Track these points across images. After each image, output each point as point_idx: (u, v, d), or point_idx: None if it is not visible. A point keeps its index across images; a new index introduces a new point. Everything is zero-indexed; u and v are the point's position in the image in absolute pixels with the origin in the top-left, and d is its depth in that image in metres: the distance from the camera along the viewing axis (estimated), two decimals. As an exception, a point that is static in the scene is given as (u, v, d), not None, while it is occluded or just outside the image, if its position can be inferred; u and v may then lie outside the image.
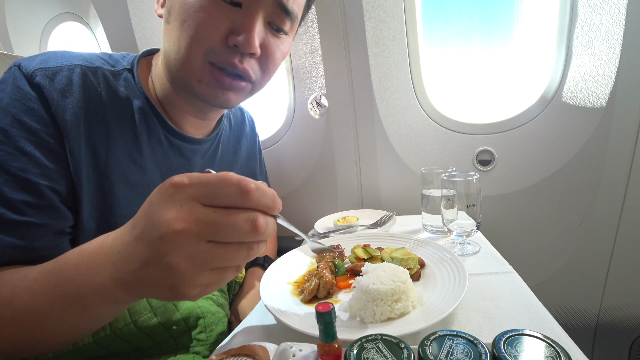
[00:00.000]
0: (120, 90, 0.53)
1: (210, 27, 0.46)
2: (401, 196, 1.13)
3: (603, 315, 1.05)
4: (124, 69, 0.54)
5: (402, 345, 0.32)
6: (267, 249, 0.89)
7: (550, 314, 0.47)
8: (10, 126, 0.42)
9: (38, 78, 0.45)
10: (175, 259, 0.28)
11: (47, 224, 0.44)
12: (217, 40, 0.47)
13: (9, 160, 0.41)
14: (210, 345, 0.58)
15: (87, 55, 0.53)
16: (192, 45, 0.47)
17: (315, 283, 0.55)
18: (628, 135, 0.91)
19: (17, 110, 0.43)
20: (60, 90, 0.46)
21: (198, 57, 0.48)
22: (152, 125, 0.55)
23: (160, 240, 0.27)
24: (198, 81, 0.50)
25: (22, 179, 0.42)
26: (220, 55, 0.48)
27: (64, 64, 0.48)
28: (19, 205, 0.42)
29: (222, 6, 0.46)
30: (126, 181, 0.52)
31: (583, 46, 0.91)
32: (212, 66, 0.49)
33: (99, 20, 1.17)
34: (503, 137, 1.02)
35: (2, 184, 0.41)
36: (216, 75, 0.50)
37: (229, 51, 0.48)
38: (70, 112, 0.46)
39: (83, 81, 0.49)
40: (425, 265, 0.62)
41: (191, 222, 0.27)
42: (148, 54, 0.61)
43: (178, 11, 0.47)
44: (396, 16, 0.98)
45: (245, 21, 0.47)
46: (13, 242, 0.41)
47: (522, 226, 1.06)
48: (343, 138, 1.11)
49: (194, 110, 0.60)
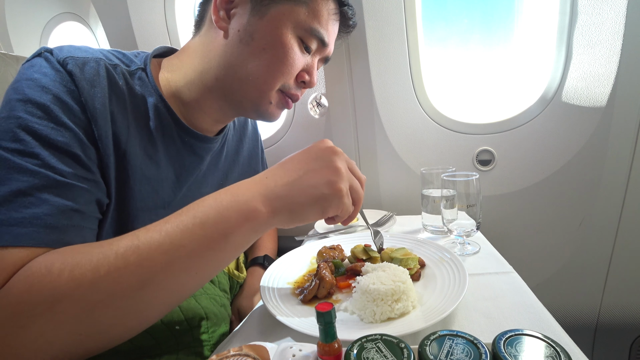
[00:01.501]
0: (136, 88, 0.53)
1: (293, 67, 0.57)
2: (401, 196, 1.13)
3: (603, 315, 1.05)
4: (138, 68, 0.55)
5: (402, 345, 0.32)
6: (267, 249, 0.90)
7: (550, 314, 0.47)
8: (51, 102, 0.42)
9: (70, 66, 0.46)
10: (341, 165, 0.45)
11: (94, 192, 0.45)
12: (292, 77, 0.59)
13: (52, 135, 0.41)
14: (213, 345, 0.58)
15: (105, 52, 0.53)
16: (275, 76, 0.57)
17: (315, 283, 0.55)
18: (628, 135, 0.91)
19: (58, 89, 0.43)
20: (89, 80, 0.47)
21: (275, 86, 0.58)
22: (166, 123, 0.56)
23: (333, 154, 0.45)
24: (269, 103, 0.60)
25: (69, 152, 0.42)
26: (291, 89, 0.60)
27: (90, 56, 0.49)
28: (69, 175, 0.41)
29: (302, 50, 0.58)
30: (142, 174, 0.53)
31: (583, 46, 0.91)
32: (282, 93, 0.61)
33: (99, 20, 1.17)
34: (503, 137, 1.02)
35: (48, 157, 0.40)
36: (285, 101, 0.62)
37: (298, 86, 0.62)
38: (99, 101, 0.47)
39: (108, 74, 0.49)
40: (425, 265, 0.62)
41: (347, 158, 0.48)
42: (158, 53, 0.61)
43: (268, 43, 0.55)
44: (396, 16, 0.98)
45: (312, 64, 0.61)
46: (69, 205, 0.40)
47: (522, 226, 1.06)
48: (343, 138, 1.11)
49: (223, 115, 0.64)
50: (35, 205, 0.37)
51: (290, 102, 0.62)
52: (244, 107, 0.62)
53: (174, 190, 0.59)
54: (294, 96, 0.62)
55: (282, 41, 0.55)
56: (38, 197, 0.37)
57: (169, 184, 0.58)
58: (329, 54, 0.64)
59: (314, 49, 0.59)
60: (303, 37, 0.57)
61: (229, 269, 0.72)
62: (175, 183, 0.59)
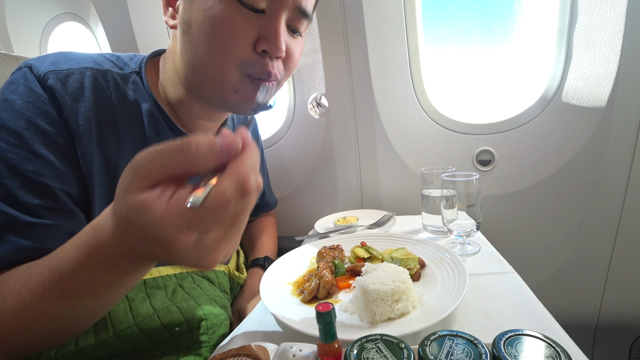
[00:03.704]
0: (129, 94, 0.52)
1: (240, 38, 0.47)
2: (401, 196, 1.13)
3: (603, 315, 1.05)
4: (132, 72, 0.54)
5: (402, 345, 0.32)
6: (267, 249, 0.89)
7: (550, 314, 0.47)
8: (24, 129, 0.42)
9: (50, 81, 0.44)
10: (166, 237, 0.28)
11: (62, 226, 0.44)
12: (247, 49, 0.48)
13: (23, 164, 0.41)
14: (212, 347, 0.58)
15: (96, 57, 0.52)
16: (224, 58, 0.48)
17: (315, 283, 0.55)
18: (628, 135, 0.91)
19: (31, 113, 0.43)
20: (72, 94, 0.46)
21: (233, 69, 0.49)
22: (161, 129, 0.56)
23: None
24: (234, 91, 0.51)
25: (37, 182, 0.42)
26: (254, 66, 0.49)
27: (75, 67, 0.48)
28: (34, 208, 0.41)
29: (247, 14, 0.47)
30: None
31: (583, 46, 0.91)
32: (250, 78, 0.50)
33: (99, 21, 1.17)
34: (503, 137, 1.02)
35: (16, 188, 0.41)
36: (253, 84, 0.51)
37: (260, 58, 0.49)
38: (82, 116, 0.46)
39: (94, 85, 0.48)
40: (425, 265, 0.62)
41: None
42: (155, 55, 0.61)
43: (202, 23, 0.47)
44: (396, 16, 0.98)
45: (271, 27, 0.48)
46: (29, 245, 0.41)
47: (522, 226, 1.06)
48: (343, 138, 1.11)
49: (208, 113, 0.61)
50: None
51: (261, 83, 0.51)
52: (216, 104, 0.56)
53: None
54: (265, 74, 0.50)
55: (212, 14, 0.46)
56: (0, 237, 0.40)
57: None
58: (299, 3, 0.49)
59: (263, 5, 0.47)
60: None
61: (229, 269, 0.72)
62: None
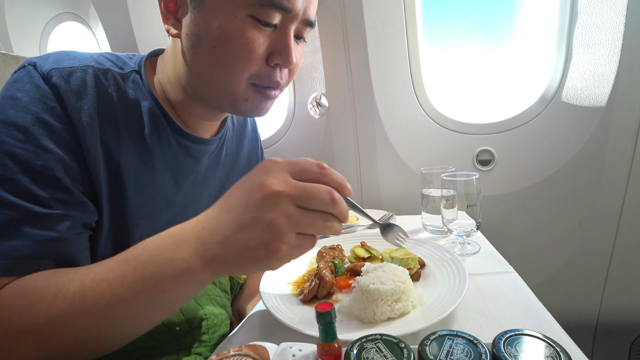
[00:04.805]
0: (129, 92, 0.52)
1: (254, 54, 0.48)
2: (401, 196, 1.14)
3: (603, 315, 1.05)
4: (131, 70, 0.54)
5: (402, 345, 0.32)
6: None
7: (550, 314, 0.47)
8: (31, 124, 0.42)
9: (54, 78, 0.45)
10: (275, 216, 0.34)
11: (77, 216, 0.45)
12: (260, 64, 0.50)
13: (32, 159, 0.41)
14: (212, 346, 0.58)
15: (96, 56, 0.52)
16: (234, 74, 0.50)
17: (315, 283, 0.55)
18: (628, 135, 0.91)
19: (38, 108, 0.43)
20: (75, 92, 0.46)
21: (243, 81, 0.51)
22: (160, 127, 0.56)
23: (262, 200, 0.34)
24: (244, 100, 0.53)
25: (48, 176, 0.42)
26: (263, 78, 0.51)
27: (77, 65, 0.48)
28: (47, 201, 0.42)
29: (262, 30, 0.48)
30: (136, 183, 0.52)
31: (583, 46, 0.91)
32: (256, 86, 0.52)
33: (99, 20, 1.17)
34: (503, 137, 1.02)
35: (28, 182, 0.41)
36: (263, 94, 0.53)
37: (271, 70, 0.51)
38: (86, 113, 0.46)
39: (96, 83, 0.48)
40: (425, 265, 0.62)
41: (287, 186, 0.35)
42: (153, 54, 0.61)
43: (217, 40, 0.48)
44: (396, 16, 0.98)
45: (282, 40, 0.49)
46: (46, 235, 0.41)
47: (522, 226, 1.06)
48: (343, 138, 1.11)
49: (209, 114, 0.61)
50: (14, 237, 0.39)
51: (271, 92, 0.54)
52: (224, 109, 0.58)
53: (173, 194, 0.59)
54: (273, 83, 0.52)
55: (228, 31, 0.47)
56: (17, 230, 0.40)
57: (167, 189, 0.57)
58: (308, 16, 0.51)
59: (276, 21, 0.48)
60: (255, 14, 0.46)
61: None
62: (174, 187, 0.59)
